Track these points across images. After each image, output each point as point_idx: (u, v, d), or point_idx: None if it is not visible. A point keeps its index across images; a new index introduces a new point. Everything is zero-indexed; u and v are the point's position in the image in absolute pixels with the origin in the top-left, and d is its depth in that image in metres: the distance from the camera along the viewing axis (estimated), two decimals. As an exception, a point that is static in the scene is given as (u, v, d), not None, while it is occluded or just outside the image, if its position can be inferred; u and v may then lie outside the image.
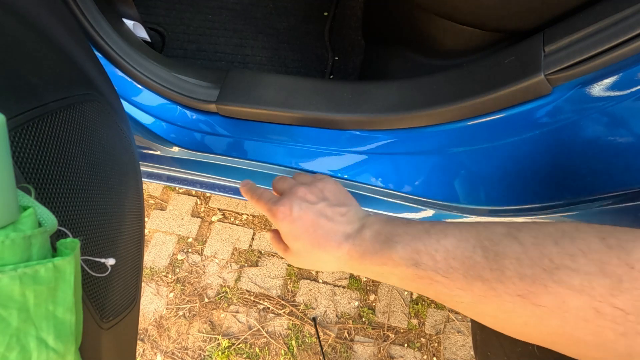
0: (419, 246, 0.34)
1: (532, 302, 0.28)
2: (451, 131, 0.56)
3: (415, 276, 0.34)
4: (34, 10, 0.36)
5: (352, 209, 0.43)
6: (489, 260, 0.30)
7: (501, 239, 0.31)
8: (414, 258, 0.34)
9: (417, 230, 0.36)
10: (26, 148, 0.28)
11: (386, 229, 0.38)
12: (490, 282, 0.29)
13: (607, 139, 0.46)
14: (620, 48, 0.42)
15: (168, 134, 0.71)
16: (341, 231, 0.41)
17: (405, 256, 0.34)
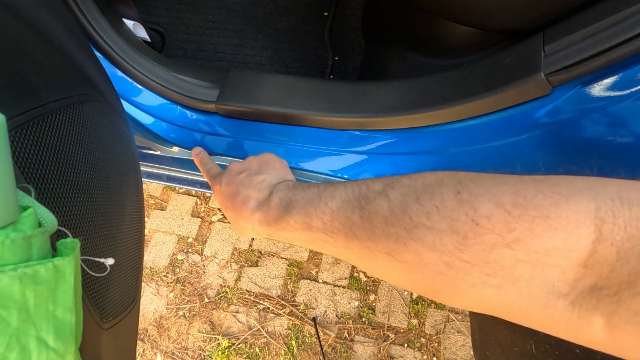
0: (310, 210, 0.36)
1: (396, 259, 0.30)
2: (451, 131, 0.56)
3: (309, 238, 0.36)
4: (34, 10, 0.36)
5: (269, 177, 0.45)
6: (363, 220, 0.32)
7: (375, 197, 0.32)
8: (306, 222, 0.36)
9: (312, 194, 0.37)
10: (26, 148, 0.28)
11: (287, 195, 0.40)
12: (364, 241, 0.31)
13: (607, 139, 0.46)
14: (620, 48, 0.42)
15: (168, 134, 0.71)
16: (254, 199, 0.43)
17: (300, 220, 0.36)
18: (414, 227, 0.29)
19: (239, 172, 0.47)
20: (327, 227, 0.34)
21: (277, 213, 0.39)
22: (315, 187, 0.38)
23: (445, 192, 0.29)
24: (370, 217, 0.31)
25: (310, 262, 1.28)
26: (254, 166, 0.48)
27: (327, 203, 0.35)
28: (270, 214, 0.40)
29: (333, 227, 0.34)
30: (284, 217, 0.38)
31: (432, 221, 0.28)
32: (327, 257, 1.28)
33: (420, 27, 0.75)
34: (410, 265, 0.29)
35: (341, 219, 0.33)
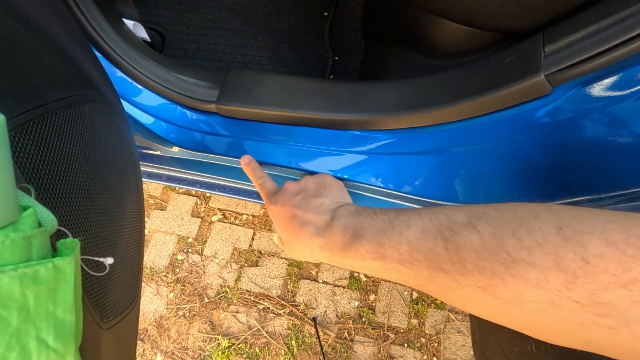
0: (383, 239, 0.35)
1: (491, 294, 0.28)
2: (451, 131, 0.56)
3: (383, 268, 0.35)
4: (34, 10, 0.36)
5: (327, 200, 0.45)
6: (449, 252, 0.30)
7: (461, 228, 0.31)
8: (379, 251, 0.34)
9: (382, 222, 0.36)
10: (26, 148, 0.28)
11: (352, 222, 0.39)
12: (452, 274, 0.30)
13: (607, 139, 0.46)
14: (620, 48, 0.42)
15: (168, 134, 0.71)
16: (312, 222, 0.42)
17: (371, 250, 0.35)
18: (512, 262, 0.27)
19: (296, 193, 0.46)
20: (405, 258, 0.33)
21: (343, 240, 0.38)
22: (382, 213, 0.37)
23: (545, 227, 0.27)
24: (459, 249, 0.30)
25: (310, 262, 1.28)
26: (311, 187, 0.47)
27: (402, 232, 0.34)
28: (335, 241, 0.39)
29: (412, 258, 0.32)
30: (352, 245, 0.37)
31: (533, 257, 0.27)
32: (327, 257, 1.28)
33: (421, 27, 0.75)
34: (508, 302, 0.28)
35: (422, 250, 0.32)
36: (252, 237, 1.32)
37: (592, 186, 0.48)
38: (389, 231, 0.35)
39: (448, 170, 0.58)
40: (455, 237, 0.31)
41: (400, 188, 0.62)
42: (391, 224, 0.35)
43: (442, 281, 0.31)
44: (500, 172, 0.55)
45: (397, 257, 0.33)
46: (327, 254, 0.40)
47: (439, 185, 0.60)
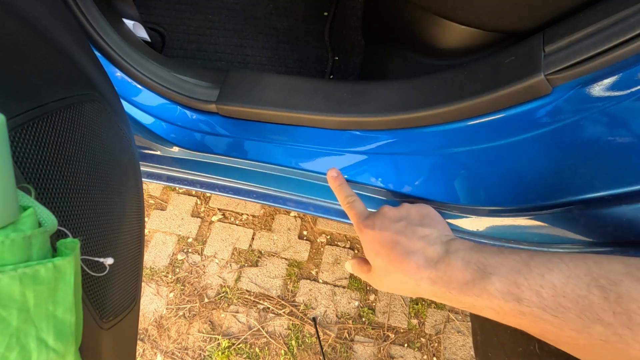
0: (519, 280, 0.31)
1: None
2: (451, 131, 0.56)
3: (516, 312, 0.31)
4: (34, 10, 0.36)
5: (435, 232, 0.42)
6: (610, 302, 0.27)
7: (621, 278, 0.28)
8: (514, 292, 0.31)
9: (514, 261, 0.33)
10: (26, 148, 0.28)
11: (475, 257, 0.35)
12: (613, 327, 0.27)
13: (607, 139, 0.46)
14: (620, 48, 0.42)
15: (168, 134, 0.71)
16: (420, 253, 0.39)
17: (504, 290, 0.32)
18: None
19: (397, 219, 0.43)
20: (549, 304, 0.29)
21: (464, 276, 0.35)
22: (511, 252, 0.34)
23: None
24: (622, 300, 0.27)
25: (310, 262, 1.28)
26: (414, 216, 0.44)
27: (544, 275, 0.30)
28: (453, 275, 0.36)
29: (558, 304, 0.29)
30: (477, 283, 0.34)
31: None
32: (327, 257, 1.28)
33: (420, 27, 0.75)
34: None
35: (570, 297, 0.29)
36: (252, 237, 1.32)
37: (592, 186, 0.48)
38: (525, 271, 0.31)
39: (448, 170, 0.58)
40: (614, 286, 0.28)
41: (400, 188, 0.62)
42: (527, 265, 0.32)
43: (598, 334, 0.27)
44: (500, 172, 0.55)
45: (537, 302, 0.30)
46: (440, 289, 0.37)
47: (439, 185, 0.60)
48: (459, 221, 0.61)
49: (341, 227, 1.31)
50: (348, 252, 1.28)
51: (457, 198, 0.59)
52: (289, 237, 1.32)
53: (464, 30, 0.68)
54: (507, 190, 0.55)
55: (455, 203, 0.59)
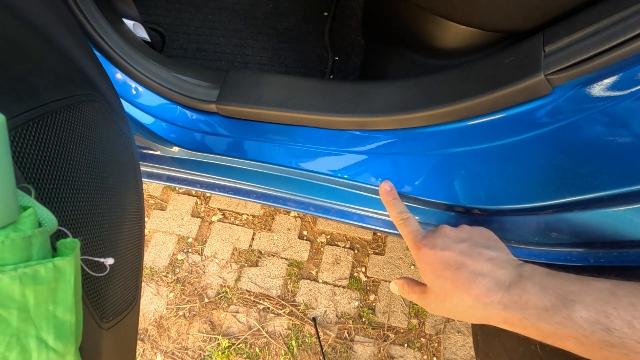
0: (608, 309, 0.30)
1: None
2: (451, 131, 0.56)
3: (605, 344, 0.29)
4: (34, 10, 0.36)
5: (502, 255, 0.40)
6: None
7: None
8: (602, 322, 0.30)
9: (598, 289, 0.31)
10: (26, 148, 0.28)
11: (553, 283, 0.34)
12: None
13: (607, 139, 0.46)
14: (620, 48, 0.42)
15: (168, 134, 0.71)
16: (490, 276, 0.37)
17: (591, 319, 0.30)
18: None
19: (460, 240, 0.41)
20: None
21: (542, 303, 0.33)
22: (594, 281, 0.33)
23: None
24: None
25: (310, 262, 1.28)
26: (477, 237, 0.42)
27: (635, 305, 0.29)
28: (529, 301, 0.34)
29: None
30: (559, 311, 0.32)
31: None
32: (327, 257, 1.28)
33: (420, 27, 0.75)
34: None
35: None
36: (252, 237, 1.32)
37: (592, 186, 0.48)
38: (613, 301, 0.30)
39: (448, 170, 0.58)
40: None
41: (400, 188, 0.62)
42: (614, 294, 0.30)
43: None
44: (500, 172, 0.55)
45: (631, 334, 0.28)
46: (514, 315, 0.35)
47: (439, 185, 0.60)
48: None
49: (341, 227, 1.31)
50: (348, 252, 1.28)
51: (457, 198, 0.59)
52: (289, 237, 1.32)
53: (464, 30, 0.68)
54: (507, 190, 0.55)
55: (456, 203, 0.59)
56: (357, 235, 1.30)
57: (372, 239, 1.29)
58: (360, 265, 1.26)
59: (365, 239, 1.29)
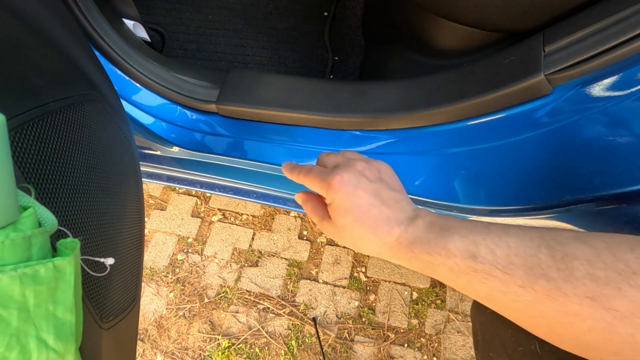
0: (477, 239, 0.33)
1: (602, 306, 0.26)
2: (451, 131, 0.56)
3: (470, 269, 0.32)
4: (34, 10, 0.36)
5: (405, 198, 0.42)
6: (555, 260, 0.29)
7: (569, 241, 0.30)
8: (471, 250, 0.33)
9: (475, 224, 0.35)
10: (26, 148, 0.28)
11: (441, 221, 0.37)
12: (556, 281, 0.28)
13: (607, 139, 0.46)
14: (620, 48, 0.42)
15: (168, 134, 0.71)
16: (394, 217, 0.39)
17: (462, 247, 0.33)
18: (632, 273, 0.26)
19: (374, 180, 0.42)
20: (500, 261, 0.31)
21: (427, 235, 0.36)
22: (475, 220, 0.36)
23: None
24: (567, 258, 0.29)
25: (310, 262, 1.28)
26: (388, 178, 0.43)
27: (501, 236, 0.32)
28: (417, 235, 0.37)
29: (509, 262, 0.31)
30: (438, 241, 0.35)
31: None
32: (327, 257, 1.28)
33: (421, 27, 0.75)
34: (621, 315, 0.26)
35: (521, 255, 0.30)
36: (252, 237, 1.32)
37: (592, 186, 0.48)
38: (485, 233, 0.33)
39: (448, 170, 0.58)
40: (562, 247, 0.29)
41: (400, 188, 0.62)
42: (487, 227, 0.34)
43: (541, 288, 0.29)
44: (500, 172, 0.55)
45: (491, 259, 0.31)
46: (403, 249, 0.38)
47: (439, 185, 0.60)
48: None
49: (341, 227, 1.31)
50: (348, 252, 1.28)
51: (457, 198, 0.59)
52: (289, 237, 1.32)
53: (464, 30, 0.68)
54: (507, 190, 0.55)
55: (456, 203, 0.59)
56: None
57: (372, 239, 1.29)
58: (360, 265, 1.26)
59: (365, 239, 1.29)
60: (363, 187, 0.41)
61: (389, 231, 0.39)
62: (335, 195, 0.42)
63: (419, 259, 0.36)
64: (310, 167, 0.47)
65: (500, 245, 0.32)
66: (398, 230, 0.38)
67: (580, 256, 0.28)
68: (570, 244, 0.29)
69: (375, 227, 0.39)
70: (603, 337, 0.27)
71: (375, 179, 0.43)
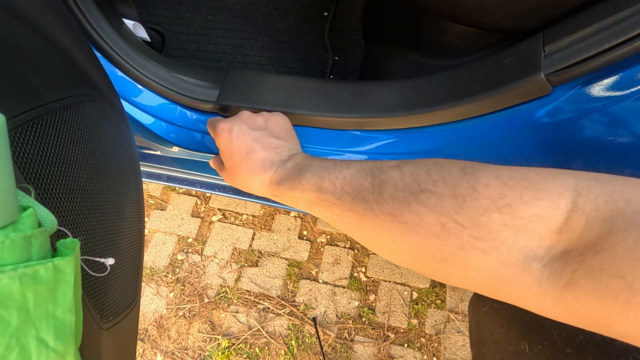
0: (324, 174, 0.38)
1: (398, 220, 0.32)
2: (451, 131, 0.56)
3: (317, 199, 0.38)
4: (34, 10, 0.36)
5: (288, 145, 0.48)
6: (374, 186, 0.34)
7: (389, 169, 0.35)
8: (317, 184, 0.38)
9: (327, 162, 0.40)
10: (26, 148, 0.28)
11: (305, 162, 0.42)
12: (371, 203, 0.34)
13: (607, 139, 0.46)
14: (620, 48, 0.42)
15: (168, 134, 0.71)
16: (270, 159, 0.45)
17: (312, 181, 0.39)
18: (420, 191, 0.31)
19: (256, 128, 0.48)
20: (337, 190, 0.36)
21: (289, 174, 0.42)
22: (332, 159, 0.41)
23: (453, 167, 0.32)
24: (382, 184, 0.34)
25: (310, 262, 1.28)
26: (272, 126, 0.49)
27: (342, 170, 0.37)
28: (282, 174, 0.43)
29: (343, 190, 0.36)
30: (296, 178, 0.40)
31: (437, 187, 0.31)
32: (327, 257, 1.28)
33: (420, 27, 0.75)
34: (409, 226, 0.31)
35: (352, 185, 0.36)
36: (252, 237, 1.32)
37: (592, 186, 0.48)
38: (331, 168, 0.38)
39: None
40: (382, 174, 0.35)
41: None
42: (335, 164, 0.39)
43: (362, 210, 0.34)
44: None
45: (331, 190, 0.37)
46: (272, 187, 0.44)
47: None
48: None
49: (341, 227, 1.31)
50: (348, 252, 1.28)
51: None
52: (289, 237, 1.32)
53: (464, 30, 0.68)
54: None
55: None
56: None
57: (372, 239, 1.29)
58: (360, 265, 1.26)
59: (365, 239, 1.29)
60: (244, 133, 0.47)
61: (263, 172, 0.45)
62: (219, 140, 0.49)
63: (284, 194, 0.42)
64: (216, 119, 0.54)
65: (339, 177, 0.37)
66: (270, 171, 0.44)
67: (390, 181, 0.34)
68: (389, 172, 0.34)
69: (252, 168, 0.45)
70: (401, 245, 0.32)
71: (259, 127, 0.49)
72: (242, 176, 0.47)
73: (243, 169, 0.46)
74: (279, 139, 0.48)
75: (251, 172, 0.45)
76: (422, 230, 0.30)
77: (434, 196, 0.30)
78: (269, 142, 0.47)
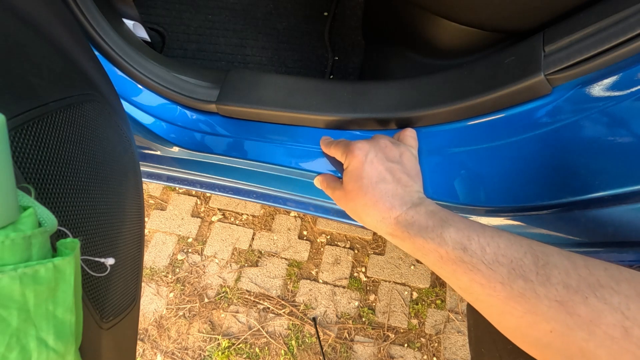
0: (472, 235, 0.35)
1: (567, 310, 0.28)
2: (451, 131, 0.56)
3: (458, 259, 0.34)
4: (34, 10, 0.36)
5: (417, 186, 0.45)
6: (537, 266, 0.31)
7: (553, 253, 0.32)
8: (463, 243, 0.35)
9: (473, 223, 0.37)
10: (26, 148, 0.28)
11: (442, 212, 0.39)
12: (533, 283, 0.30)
13: (607, 139, 0.46)
14: (620, 48, 0.42)
15: (168, 134, 0.71)
16: (399, 197, 0.42)
17: (456, 239, 0.35)
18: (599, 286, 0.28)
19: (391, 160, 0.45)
20: (488, 258, 0.33)
21: (426, 222, 0.38)
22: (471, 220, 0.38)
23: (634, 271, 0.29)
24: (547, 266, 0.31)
25: (310, 262, 1.28)
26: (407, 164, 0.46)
27: (494, 237, 0.34)
28: (414, 218, 0.39)
29: (495, 260, 0.33)
30: (435, 229, 0.37)
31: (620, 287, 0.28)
32: (327, 257, 1.28)
33: (420, 27, 0.75)
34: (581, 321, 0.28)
35: (508, 256, 0.33)
36: (252, 237, 1.32)
37: (592, 186, 0.48)
38: (480, 231, 0.35)
39: (448, 170, 0.58)
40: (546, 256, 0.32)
41: (400, 188, 0.62)
42: (483, 227, 0.36)
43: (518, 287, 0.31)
44: (500, 172, 0.55)
45: (480, 254, 0.33)
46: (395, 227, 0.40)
47: (438, 186, 0.60)
48: None
49: (341, 227, 1.31)
50: (348, 252, 1.28)
51: (456, 197, 0.59)
52: (289, 237, 1.32)
53: (464, 30, 0.68)
54: (507, 190, 0.55)
55: (455, 203, 0.59)
56: (357, 235, 1.30)
57: (372, 239, 1.29)
58: (360, 265, 1.26)
59: (365, 239, 1.29)
60: (379, 160, 0.44)
61: (390, 208, 0.41)
62: (351, 160, 0.45)
63: (412, 241, 0.39)
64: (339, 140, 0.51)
65: (491, 244, 0.34)
66: (399, 210, 0.41)
67: (559, 266, 0.30)
68: (554, 255, 0.31)
69: (378, 200, 0.42)
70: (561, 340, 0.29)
71: (394, 159, 0.45)
72: (362, 204, 0.43)
73: (367, 196, 0.42)
74: (410, 177, 0.45)
75: (375, 203, 0.42)
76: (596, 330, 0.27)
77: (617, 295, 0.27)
78: (400, 178, 0.44)
